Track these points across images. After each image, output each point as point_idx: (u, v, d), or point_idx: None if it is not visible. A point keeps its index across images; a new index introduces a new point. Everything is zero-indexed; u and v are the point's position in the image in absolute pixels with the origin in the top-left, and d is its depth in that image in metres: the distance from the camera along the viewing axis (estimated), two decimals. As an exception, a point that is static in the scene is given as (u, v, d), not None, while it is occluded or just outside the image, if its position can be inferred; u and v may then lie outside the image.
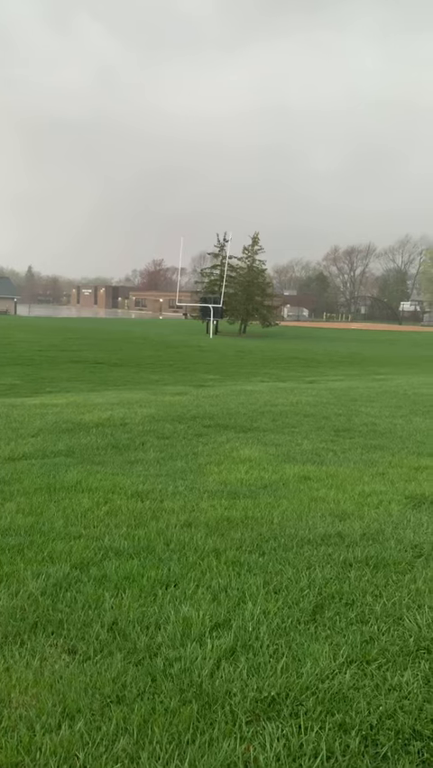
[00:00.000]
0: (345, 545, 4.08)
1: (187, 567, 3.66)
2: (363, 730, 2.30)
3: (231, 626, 2.99)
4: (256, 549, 3.98)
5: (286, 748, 2.20)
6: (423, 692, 2.53)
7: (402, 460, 6.65)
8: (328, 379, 16.37)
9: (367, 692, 2.52)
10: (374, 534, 4.31)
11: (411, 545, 4.11)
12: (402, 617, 3.14)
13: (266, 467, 6.15)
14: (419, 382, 15.65)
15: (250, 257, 47.23)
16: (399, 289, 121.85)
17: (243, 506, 4.86)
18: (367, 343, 38.37)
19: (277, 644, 2.85)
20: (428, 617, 3.14)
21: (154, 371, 17.54)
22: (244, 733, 2.27)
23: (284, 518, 4.60)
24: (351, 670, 2.66)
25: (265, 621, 3.04)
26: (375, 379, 16.26)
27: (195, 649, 2.79)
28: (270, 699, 2.46)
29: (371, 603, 3.27)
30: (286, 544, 4.08)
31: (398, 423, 9.03)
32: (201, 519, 4.51)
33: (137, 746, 2.20)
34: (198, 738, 2.24)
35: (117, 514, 4.60)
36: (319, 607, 3.22)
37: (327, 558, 3.85)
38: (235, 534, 4.23)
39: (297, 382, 15.23)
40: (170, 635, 2.91)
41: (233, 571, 3.61)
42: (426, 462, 6.52)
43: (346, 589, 3.41)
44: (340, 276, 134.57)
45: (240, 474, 5.84)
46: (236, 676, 2.61)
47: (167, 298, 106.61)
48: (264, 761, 2.14)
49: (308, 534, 4.27)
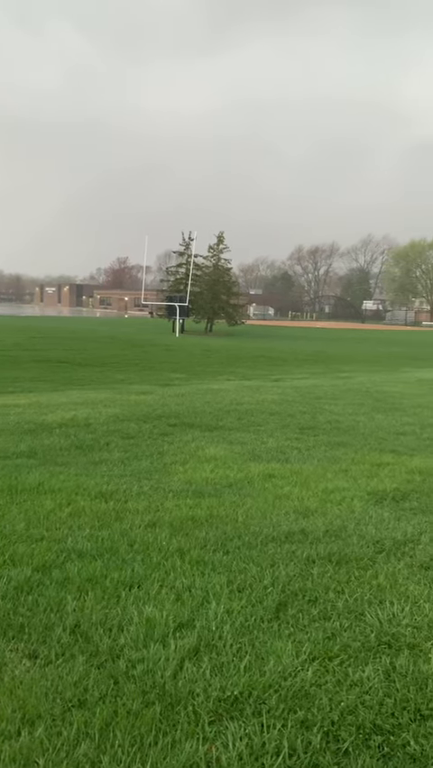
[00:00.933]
0: (309, 542, 4.11)
1: (151, 567, 3.64)
2: (324, 726, 2.32)
3: (194, 626, 2.99)
4: (221, 548, 3.98)
5: (248, 747, 2.20)
6: (384, 687, 2.56)
7: (365, 456, 6.74)
8: (293, 377, 16.49)
9: (329, 688, 2.54)
10: (337, 530, 4.36)
11: (373, 541, 4.16)
12: (364, 612, 3.17)
13: (231, 465, 6.17)
14: (381, 380, 15.88)
15: (215, 256, 47.26)
16: (362, 289, 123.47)
17: (208, 505, 4.85)
18: (331, 342, 38.78)
19: (240, 643, 2.86)
20: (390, 612, 3.18)
21: (119, 371, 17.42)
22: (206, 733, 2.27)
23: (249, 516, 4.61)
24: (313, 667, 2.68)
25: (229, 620, 3.05)
26: (339, 377, 16.44)
27: (158, 650, 2.78)
28: (233, 699, 2.47)
29: (333, 599, 3.30)
30: (250, 542, 4.09)
31: (360, 420, 9.14)
32: (166, 519, 4.49)
33: (98, 751, 2.18)
34: (160, 740, 2.23)
35: (81, 515, 4.55)
36: (283, 604, 3.24)
37: (290, 555, 3.87)
38: (200, 533, 4.23)
39: (262, 381, 15.31)
40: (132, 636, 2.89)
41: (197, 571, 3.60)
42: (387, 459, 6.62)
43: (309, 586, 3.44)
44: (305, 275, 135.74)
45: (205, 473, 5.84)
46: (200, 676, 2.60)
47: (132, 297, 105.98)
48: (227, 760, 2.14)
49: (272, 531, 4.29)
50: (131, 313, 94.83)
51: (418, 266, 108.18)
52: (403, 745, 2.25)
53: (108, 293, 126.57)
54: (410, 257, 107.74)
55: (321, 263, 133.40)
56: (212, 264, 47.92)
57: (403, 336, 51.86)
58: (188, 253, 47.56)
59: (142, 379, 14.91)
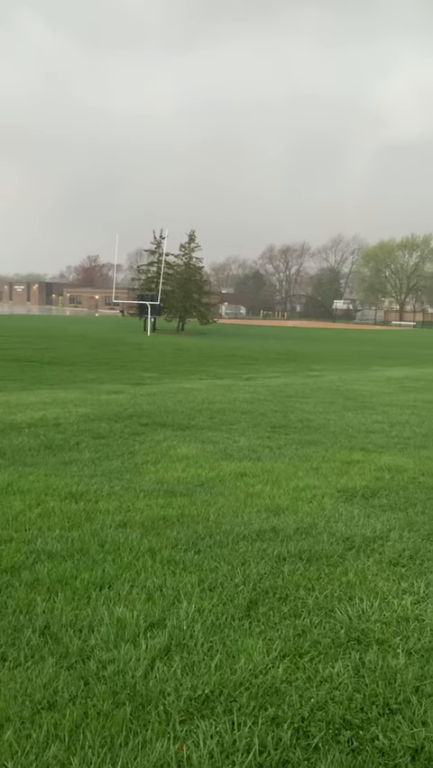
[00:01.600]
0: (280, 540, 4.14)
1: (121, 568, 3.62)
2: (295, 723, 2.34)
3: (165, 626, 2.98)
4: (192, 547, 3.98)
5: (219, 745, 2.21)
6: (353, 682, 2.59)
7: (335, 454, 6.80)
8: (265, 376, 16.56)
9: (299, 685, 2.56)
10: (308, 527, 4.39)
11: (343, 538, 4.20)
12: (334, 609, 3.20)
13: (203, 464, 6.17)
14: (351, 378, 16.04)
15: (187, 254, 47.16)
16: (332, 288, 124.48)
17: (179, 504, 4.85)
18: (302, 341, 39.05)
19: (211, 642, 2.86)
20: (359, 608, 3.22)
21: (90, 370, 17.28)
22: (177, 732, 2.27)
23: (220, 515, 4.62)
24: (284, 664, 2.70)
25: (200, 619, 3.05)
26: (310, 376, 16.56)
27: (129, 650, 2.77)
28: (204, 697, 2.47)
29: (304, 597, 3.32)
30: (221, 540, 4.10)
31: (331, 418, 9.22)
32: (137, 519, 4.47)
33: (68, 752, 2.16)
34: (131, 740, 2.22)
35: (50, 516, 4.50)
36: (254, 602, 3.25)
37: (261, 553, 3.89)
38: (171, 532, 4.22)
39: (234, 380, 15.34)
40: (103, 637, 2.88)
41: (168, 570, 3.60)
42: (357, 456, 6.69)
43: (280, 584, 3.46)
44: (276, 274, 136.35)
45: (177, 472, 5.83)
46: (171, 675, 2.60)
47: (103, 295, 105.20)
48: (198, 759, 2.14)
49: (243, 530, 4.30)
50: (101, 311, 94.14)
51: (387, 266, 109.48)
52: (372, 740, 2.28)
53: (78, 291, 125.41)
54: (380, 257, 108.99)
55: (292, 263, 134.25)
56: (183, 263, 47.81)
57: (373, 335, 52.47)
58: (159, 252, 47.38)
59: (114, 379, 14.82)
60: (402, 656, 2.79)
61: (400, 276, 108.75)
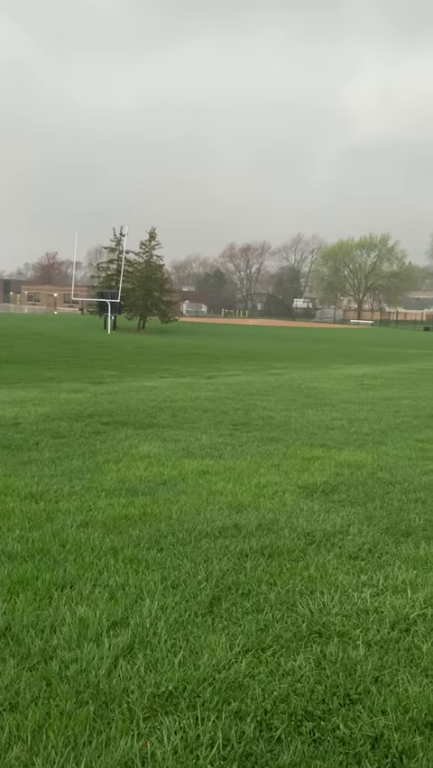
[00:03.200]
0: (242, 536, 4.17)
1: (83, 567, 3.60)
2: (258, 716, 2.37)
3: (129, 624, 2.98)
4: (154, 545, 3.98)
5: (183, 740, 2.22)
6: (315, 675, 2.64)
7: (296, 451, 6.88)
8: (227, 374, 16.61)
9: (262, 679, 2.59)
10: (269, 524, 4.44)
11: (304, 533, 4.26)
12: (296, 603, 3.25)
13: (165, 463, 6.16)
14: (311, 376, 16.23)
15: (147, 252, 46.89)
16: (292, 287, 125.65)
17: (141, 503, 4.84)
18: (263, 339, 39.30)
19: (175, 639, 2.87)
20: (320, 602, 3.27)
21: (49, 368, 17.05)
22: (141, 729, 2.27)
23: (183, 513, 4.63)
24: (247, 658, 2.73)
25: (163, 616, 3.06)
26: (271, 374, 16.68)
27: (92, 649, 2.76)
28: (167, 694, 2.48)
29: (266, 592, 3.36)
30: (184, 538, 4.11)
31: (292, 416, 9.32)
32: (98, 518, 4.45)
33: (31, 753, 2.14)
34: (94, 739, 2.22)
35: (10, 516, 4.44)
36: (216, 598, 3.27)
37: (224, 550, 3.92)
38: (134, 531, 4.22)
39: (196, 378, 15.34)
40: (65, 636, 2.86)
41: (131, 569, 3.59)
42: (317, 453, 6.78)
43: (243, 580, 3.49)
44: (237, 273, 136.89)
45: (139, 471, 5.81)
46: (134, 673, 2.60)
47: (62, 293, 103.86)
48: (162, 755, 2.15)
49: (205, 527, 4.32)
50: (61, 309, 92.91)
51: (345, 265, 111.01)
52: (333, 730, 2.32)
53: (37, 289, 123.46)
54: (339, 256, 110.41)
55: (253, 261, 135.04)
56: (144, 260, 47.54)
57: (332, 334, 53.15)
58: (119, 249, 47.00)
59: (73, 377, 14.65)
60: (362, 648, 2.85)
61: (358, 275, 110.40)
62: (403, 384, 14.79)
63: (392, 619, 3.11)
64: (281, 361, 21.53)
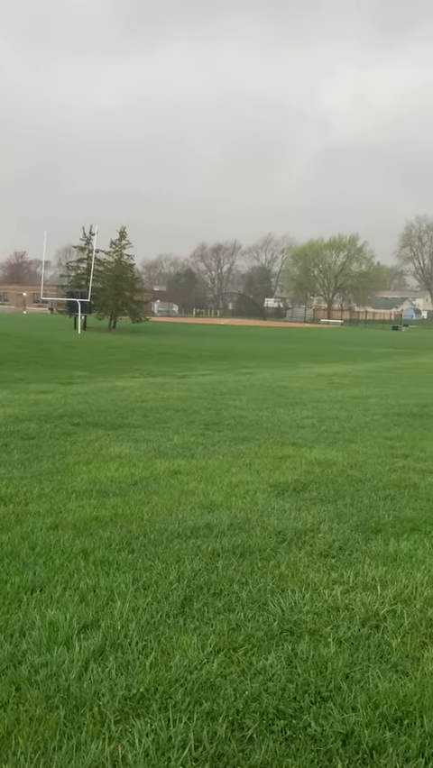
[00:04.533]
0: (214, 536, 4.17)
1: (53, 570, 3.56)
2: (230, 716, 2.37)
3: (99, 626, 2.96)
4: (126, 546, 3.95)
5: (155, 743, 2.21)
6: (286, 673, 2.65)
7: (267, 450, 6.90)
8: (198, 373, 16.59)
9: (234, 678, 2.59)
10: (241, 523, 4.44)
11: (275, 532, 4.28)
12: (267, 602, 3.26)
13: (137, 463, 6.13)
14: (282, 375, 16.32)
15: (117, 251, 46.56)
16: (263, 286, 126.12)
17: (112, 504, 4.81)
18: (235, 338, 39.37)
19: (146, 640, 2.86)
20: (291, 600, 3.29)
21: (17, 369, 16.82)
22: (112, 733, 2.26)
23: (154, 514, 4.61)
24: (218, 658, 2.73)
25: (135, 618, 3.04)
26: (243, 374, 16.72)
27: (62, 653, 2.73)
28: (139, 696, 2.47)
29: (237, 591, 3.36)
30: (156, 539, 4.09)
31: (263, 415, 9.35)
32: (69, 520, 4.40)
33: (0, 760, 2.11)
34: (64, 744, 2.19)
35: (-22, 519, 4.37)
36: (188, 599, 3.27)
37: (195, 550, 3.91)
38: (104, 533, 4.18)
39: (167, 378, 15.30)
40: (35, 640, 2.82)
41: (101, 571, 3.56)
42: (288, 452, 6.82)
43: (214, 579, 3.49)
44: (208, 272, 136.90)
45: (110, 472, 5.77)
46: (105, 676, 2.58)
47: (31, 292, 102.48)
48: (133, 758, 2.14)
49: (177, 527, 4.31)
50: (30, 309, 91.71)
51: (315, 265, 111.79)
52: (305, 728, 2.33)
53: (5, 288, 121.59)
54: (309, 256, 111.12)
55: (224, 261, 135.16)
56: (114, 260, 47.20)
57: (303, 333, 53.51)
58: (89, 248, 46.58)
59: (43, 378, 14.49)
60: (333, 645, 2.87)
61: (328, 275, 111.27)
62: (372, 382, 14.97)
63: (363, 616, 3.14)
64: (253, 361, 21.60)
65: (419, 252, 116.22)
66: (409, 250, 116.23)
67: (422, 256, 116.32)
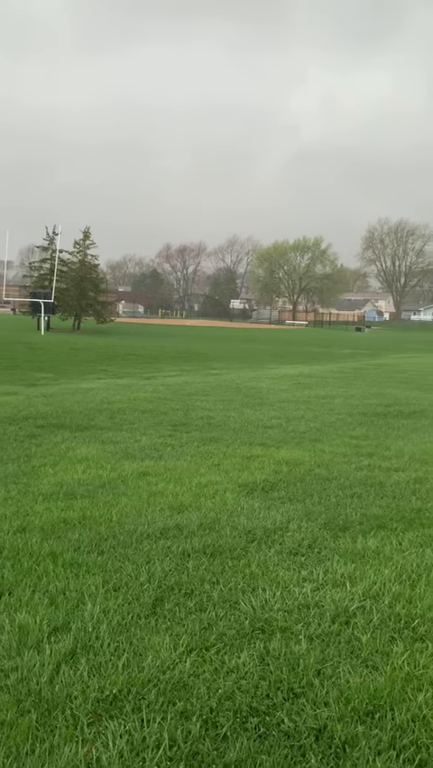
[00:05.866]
0: (184, 537, 4.17)
1: (21, 573, 3.51)
2: (203, 715, 2.37)
3: (70, 629, 2.93)
4: (95, 548, 3.92)
5: (129, 744, 2.20)
6: (258, 671, 2.67)
7: (236, 450, 6.93)
8: (165, 375, 16.54)
9: (207, 677, 2.60)
10: (211, 523, 4.45)
11: (245, 531, 4.30)
12: (238, 601, 3.27)
13: (104, 465, 6.09)
14: (249, 376, 16.39)
15: (81, 251, 46.08)
16: (229, 288, 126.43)
17: (80, 506, 4.76)
18: (201, 339, 39.37)
19: (118, 641, 2.84)
20: (262, 598, 3.31)
21: (-19, 370, 16.52)
22: (86, 735, 2.24)
23: (123, 515, 4.59)
24: (191, 658, 2.73)
25: (106, 620, 3.02)
26: (210, 375, 16.73)
27: (32, 656, 2.69)
28: (112, 697, 2.45)
29: (208, 591, 3.37)
30: (125, 540, 4.07)
31: (231, 415, 9.38)
32: (36, 523, 4.35)
33: (-29, 767, 2.07)
34: (37, 748, 2.16)
35: None
36: (159, 599, 3.26)
37: (165, 551, 3.90)
38: (73, 535, 4.14)
39: (134, 379, 15.21)
40: (5, 645, 2.78)
41: (71, 573, 3.53)
42: (257, 452, 6.85)
43: (185, 580, 3.49)
44: (174, 273, 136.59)
45: (77, 474, 5.72)
46: (77, 678, 2.56)
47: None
48: (107, 759, 2.12)
49: (147, 528, 4.30)
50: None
51: (280, 267, 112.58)
52: (278, 724, 2.35)
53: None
54: (274, 258, 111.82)
55: (189, 262, 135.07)
56: (78, 260, 46.70)
57: (269, 334, 53.81)
58: (52, 248, 45.98)
59: (5, 380, 14.25)
60: (304, 642, 2.90)
61: (292, 277, 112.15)
62: (337, 383, 15.14)
63: (333, 613, 3.18)
64: (220, 362, 21.64)
65: (381, 255, 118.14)
66: (372, 252, 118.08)
67: (384, 258, 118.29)
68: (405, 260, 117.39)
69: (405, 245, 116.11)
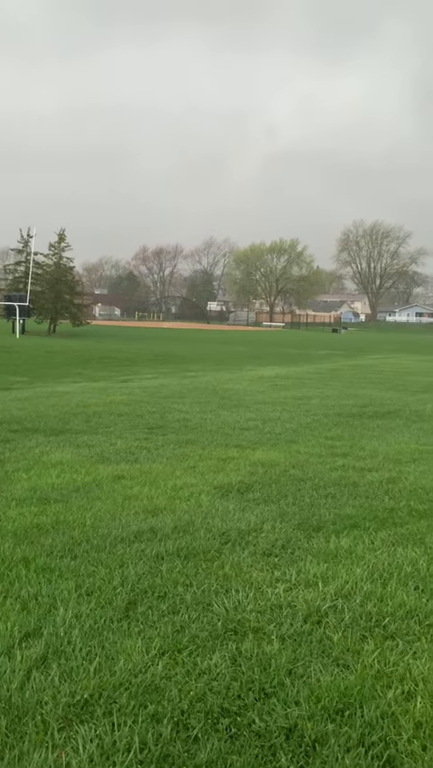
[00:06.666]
0: (158, 539, 4.17)
1: (-7, 579, 3.48)
2: (175, 717, 2.38)
3: (42, 634, 2.91)
4: (68, 553, 3.90)
5: (99, 748, 2.20)
6: (230, 672, 2.68)
7: (212, 452, 6.94)
8: (142, 377, 16.50)
9: (179, 680, 2.60)
10: (185, 525, 4.46)
11: (219, 533, 4.31)
12: (211, 602, 3.28)
13: (79, 469, 6.06)
14: (226, 378, 16.42)
15: (57, 254, 45.74)
16: (206, 290, 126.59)
17: (54, 511, 4.73)
18: (178, 342, 39.34)
19: (90, 646, 2.84)
20: (235, 599, 3.32)
21: None
22: (56, 740, 2.23)
23: (97, 519, 4.57)
24: (163, 660, 2.73)
25: (78, 624, 3.01)
26: (186, 377, 16.73)
27: (3, 662, 2.67)
28: (83, 702, 2.44)
29: (182, 593, 3.38)
30: (99, 544, 4.06)
31: (207, 417, 9.39)
32: (9, 528, 4.31)
33: None
34: (6, 754, 2.15)
35: None
36: (132, 603, 3.26)
37: (139, 554, 3.90)
38: (46, 540, 4.12)
39: (110, 382, 15.15)
40: (-25, 652, 2.75)
41: (43, 578, 3.51)
42: (232, 453, 6.88)
43: (159, 583, 3.49)
44: (150, 276, 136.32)
45: (51, 479, 5.68)
46: (48, 684, 2.55)
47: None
48: (77, 764, 2.12)
49: (121, 532, 4.29)
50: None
51: (257, 269, 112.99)
52: (249, 724, 2.37)
53: None
54: (251, 260, 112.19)
55: (166, 264, 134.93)
56: (53, 262, 46.35)
57: (246, 336, 53.96)
58: (27, 251, 45.59)
59: (-19, 383, 14.10)
60: (276, 642, 2.92)
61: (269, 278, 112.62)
62: (313, 384, 15.25)
63: (305, 613, 3.21)
64: (196, 364, 21.64)
65: (356, 257, 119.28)
66: (348, 254, 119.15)
67: (359, 260, 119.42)
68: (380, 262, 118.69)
69: (380, 247, 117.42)
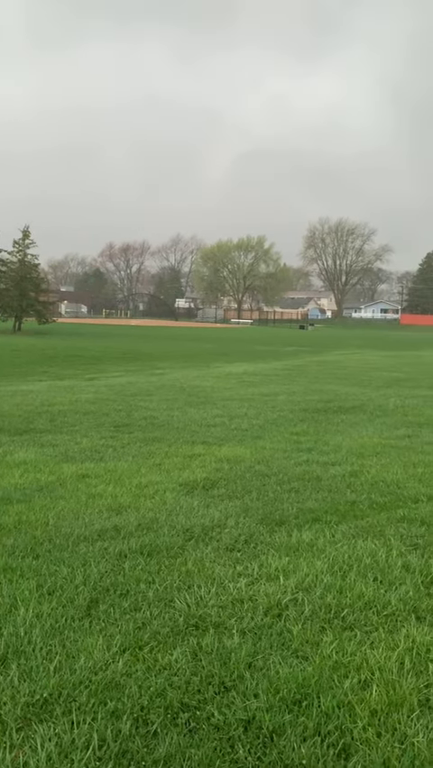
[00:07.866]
0: (121, 537, 4.17)
1: None
2: (134, 713, 2.39)
3: (2, 635, 2.90)
4: (30, 553, 3.88)
5: (58, 746, 2.20)
6: (191, 667, 2.70)
7: (178, 449, 6.95)
8: (108, 375, 16.39)
9: (139, 676, 2.62)
10: (149, 523, 4.46)
11: (183, 530, 4.33)
12: (173, 599, 3.30)
13: (43, 469, 6.01)
14: (194, 375, 16.42)
15: (21, 251, 45.14)
16: (174, 287, 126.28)
17: (16, 511, 4.69)
18: (146, 339, 39.16)
19: (51, 645, 2.83)
20: (197, 595, 3.35)
21: None
22: (14, 740, 2.22)
23: (60, 518, 4.55)
24: (124, 657, 2.74)
25: (39, 624, 3.00)
26: (154, 374, 16.68)
27: (-39, 665, 2.65)
28: (42, 701, 2.44)
29: (144, 590, 3.39)
30: (61, 544, 4.04)
31: (175, 415, 9.39)
32: (-30, 529, 4.26)
33: None
34: (-37, 757, 2.14)
35: None
36: (94, 601, 3.26)
37: (102, 552, 3.90)
38: (7, 540, 4.08)
39: (76, 380, 15.03)
40: None
41: (4, 579, 3.48)
42: (198, 450, 6.90)
43: (121, 580, 3.49)
44: (117, 272, 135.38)
45: (14, 479, 5.63)
46: (7, 684, 2.53)
47: None
48: (35, 763, 2.12)
49: (84, 531, 4.27)
50: None
51: (225, 266, 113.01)
52: (208, 718, 2.39)
53: None
54: (218, 257, 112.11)
55: (133, 261, 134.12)
56: (18, 260, 45.69)
57: (214, 333, 53.99)
58: (-10, 249, 44.88)
59: None
60: (237, 636, 2.95)
61: (237, 275, 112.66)
62: (280, 380, 15.36)
63: (265, 606, 3.25)
64: (164, 361, 21.59)
65: (322, 254, 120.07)
66: (314, 251, 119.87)
67: (325, 257, 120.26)
68: (346, 259, 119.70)
69: (345, 244, 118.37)
